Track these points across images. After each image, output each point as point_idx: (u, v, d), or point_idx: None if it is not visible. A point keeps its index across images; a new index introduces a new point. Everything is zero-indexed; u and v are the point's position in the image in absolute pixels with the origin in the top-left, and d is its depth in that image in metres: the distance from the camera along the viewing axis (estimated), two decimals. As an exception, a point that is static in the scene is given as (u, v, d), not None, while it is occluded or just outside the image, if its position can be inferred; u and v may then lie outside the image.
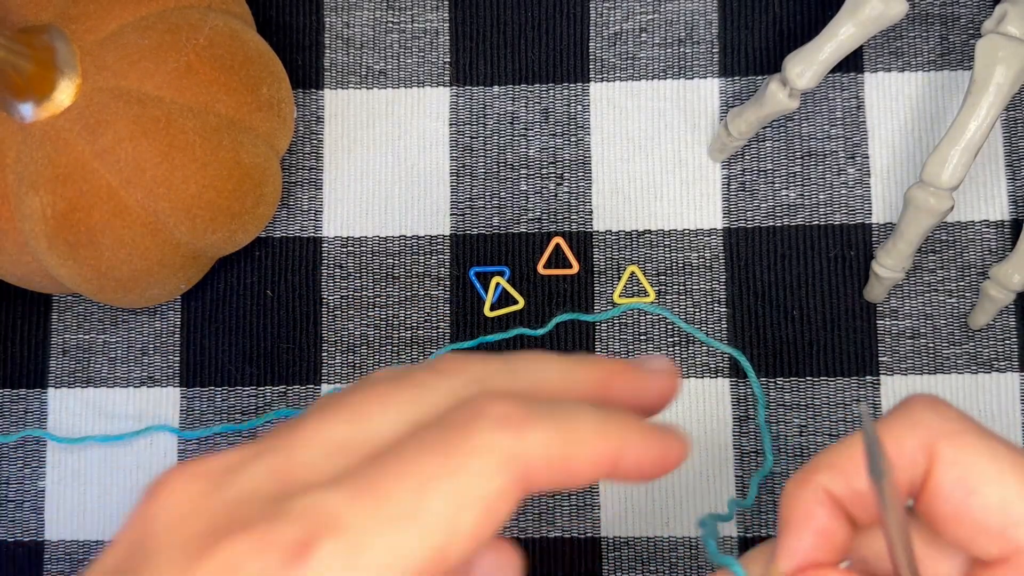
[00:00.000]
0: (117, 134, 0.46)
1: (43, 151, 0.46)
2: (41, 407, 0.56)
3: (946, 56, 0.56)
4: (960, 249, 0.54)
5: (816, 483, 0.30)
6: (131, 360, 0.56)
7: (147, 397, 0.56)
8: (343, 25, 0.58)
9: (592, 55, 0.57)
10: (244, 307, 0.56)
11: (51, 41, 0.46)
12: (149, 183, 0.46)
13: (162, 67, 0.47)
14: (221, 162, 0.48)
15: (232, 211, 0.50)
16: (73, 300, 0.57)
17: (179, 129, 0.47)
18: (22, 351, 0.57)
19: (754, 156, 0.56)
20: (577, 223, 0.56)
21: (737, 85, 0.56)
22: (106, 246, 0.47)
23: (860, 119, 0.55)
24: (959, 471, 0.28)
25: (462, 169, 0.57)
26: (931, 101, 0.55)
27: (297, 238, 0.56)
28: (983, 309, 0.53)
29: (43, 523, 0.55)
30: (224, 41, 0.48)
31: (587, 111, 0.56)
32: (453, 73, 0.57)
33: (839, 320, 0.54)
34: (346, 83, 0.58)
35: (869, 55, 0.56)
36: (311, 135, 0.57)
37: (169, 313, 0.56)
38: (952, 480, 0.28)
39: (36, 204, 0.46)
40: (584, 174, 0.56)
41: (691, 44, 0.57)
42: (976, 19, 0.56)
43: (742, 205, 0.55)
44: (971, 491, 0.28)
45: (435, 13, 0.58)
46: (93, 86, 0.46)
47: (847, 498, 0.30)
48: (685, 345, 0.54)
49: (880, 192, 0.55)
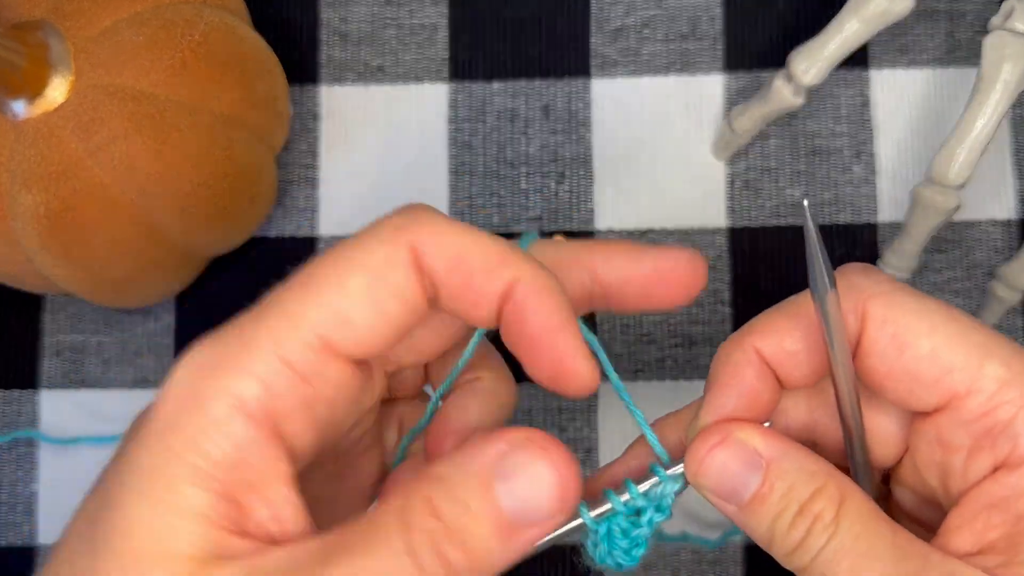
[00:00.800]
0: (110, 132, 0.45)
1: (36, 149, 0.46)
2: (33, 409, 0.56)
3: (953, 52, 0.55)
4: (967, 248, 0.54)
5: (748, 344, 0.31)
6: (124, 361, 0.56)
7: (141, 399, 0.55)
8: (340, 20, 0.57)
9: (593, 50, 0.56)
10: (239, 307, 0.55)
11: (44, 37, 0.46)
12: (142, 181, 0.46)
13: (156, 64, 0.46)
14: (216, 160, 0.48)
15: (227, 210, 0.49)
16: (66, 300, 0.56)
17: (173, 126, 0.46)
18: (14, 352, 0.56)
19: (759, 154, 0.55)
20: (578, 221, 0.55)
21: (741, 81, 0.56)
22: (99, 245, 0.47)
23: (866, 116, 0.55)
24: (891, 328, 0.30)
25: (461, 166, 0.56)
26: (938, 98, 0.55)
27: (293, 237, 0.56)
28: (990, 309, 0.53)
29: (36, 527, 0.55)
30: (219, 37, 0.48)
31: (588, 107, 0.56)
32: (452, 68, 0.57)
33: (844, 320, 0.54)
34: (343, 79, 0.57)
35: (875, 51, 0.55)
36: (307, 132, 0.57)
37: (163, 314, 0.56)
38: (885, 338, 0.30)
39: (28, 203, 0.46)
40: (586, 172, 0.55)
41: (694, 39, 0.56)
42: (983, 15, 0.55)
43: (746, 204, 0.55)
44: (904, 346, 0.30)
45: (433, 8, 0.57)
46: (86, 83, 0.46)
47: (777, 360, 0.31)
48: (688, 346, 0.54)
49: (886, 191, 0.55)
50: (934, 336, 0.29)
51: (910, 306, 0.30)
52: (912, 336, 0.30)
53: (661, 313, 0.54)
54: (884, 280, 0.31)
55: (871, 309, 0.30)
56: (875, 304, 0.30)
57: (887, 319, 0.30)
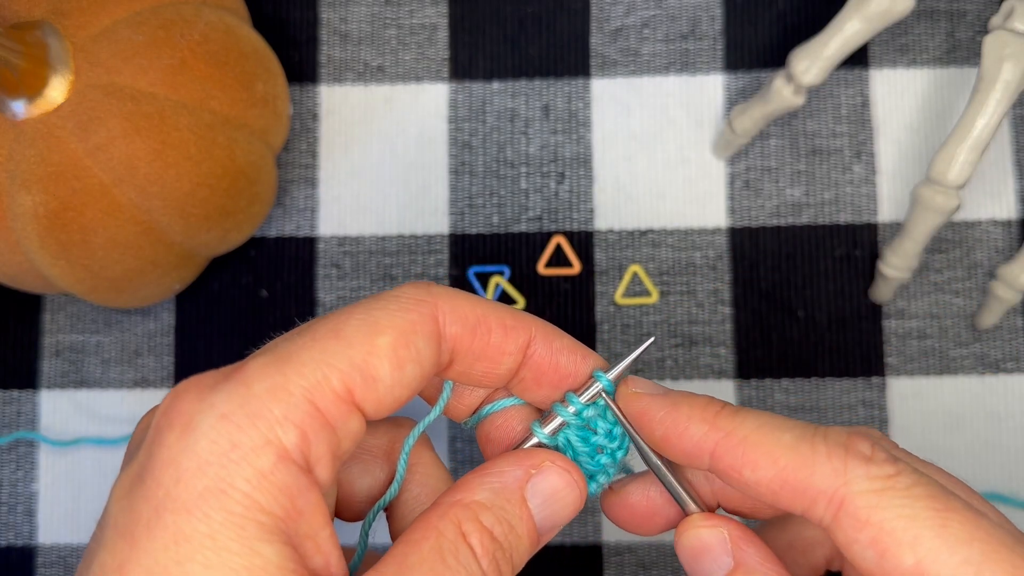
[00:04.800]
0: (110, 132, 0.45)
1: (35, 149, 0.46)
2: (33, 409, 0.55)
3: (953, 52, 0.55)
4: (967, 248, 0.54)
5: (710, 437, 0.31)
6: (124, 361, 0.56)
7: (140, 399, 0.55)
8: (339, 20, 0.57)
9: (593, 50, 0.56)
10: (238, 308, 0.56)
11: (44, 37, 0.46)
12: (142, 181, 0.46)
13: (156, 63, 0.46)
14: (215, 160, 0.47)
15: (226, 209, 0.49)
16: (65, 300, 0.56)
17: (172, 126, 0.46)
18: (13, 352, 0.56)
19: (759, 153, 0.55)
20: (578, 222, 0.55)
21: (741, 81, 0.55)
22: (98, 245, 0.47)
23: (866, 116, 0.55)
24: (871, 532, 0.28)
25: (461, 166, 0.56)
26: (938, 98, 0.55)
27: (292, 237, 0.56)
28: (990, 309, 0.52)
29: (36, 527, 0.55)
30: (218, 37, 0.48)
31: (588, 107, 0.56)
32: (452, 68, 0.57)
33: (845, 320, 0.54)
34: (343, 79, 0.57)
35: (875, 51, 0.55)
36: (307, 132, 0.57)
37: (162, 314, 0.56)
38: (864, 541, 0.28)
39: (28, 203, 0.46)
40: (585, 172, 0.55)
41: (695, 39, 0.56)
42: (983, 15, 0.55)
43: (747, 204, 0.55)
44: (883, 554, 0.28)
45: (433, 7, 0.57)
46: (86, 83, 0.46)
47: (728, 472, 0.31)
48: (689, 346, 0.54)
49: (887, 190, 0.54)
50: (919, 548, 0.27)
51: (897, 510, 0.28)
52: (895, 545, 0.28)
53: (661, 313, 0.54)
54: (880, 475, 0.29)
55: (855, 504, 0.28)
56: (859, 503, 0.28)
57: (869, 521, 0.28)
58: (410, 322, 0.29)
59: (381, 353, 0.28)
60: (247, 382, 0.27)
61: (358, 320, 0.29)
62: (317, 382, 0.27)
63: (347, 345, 0.28)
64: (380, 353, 0.28)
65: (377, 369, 0.28)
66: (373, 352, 0.28)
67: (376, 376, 0.28)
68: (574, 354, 0.33)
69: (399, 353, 0.29)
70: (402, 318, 0.29)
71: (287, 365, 0.27)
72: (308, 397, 0.27)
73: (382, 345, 0.28)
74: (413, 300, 0.30)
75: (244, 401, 0.27)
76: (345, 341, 0.28)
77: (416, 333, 0.29)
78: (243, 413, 0.26)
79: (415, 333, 0.29)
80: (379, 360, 0.28)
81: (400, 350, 0.29)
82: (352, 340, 0.28)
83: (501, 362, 0.32)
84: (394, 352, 0.28)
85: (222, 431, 0.26)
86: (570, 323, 0.54)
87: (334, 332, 0.28)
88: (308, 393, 0.27)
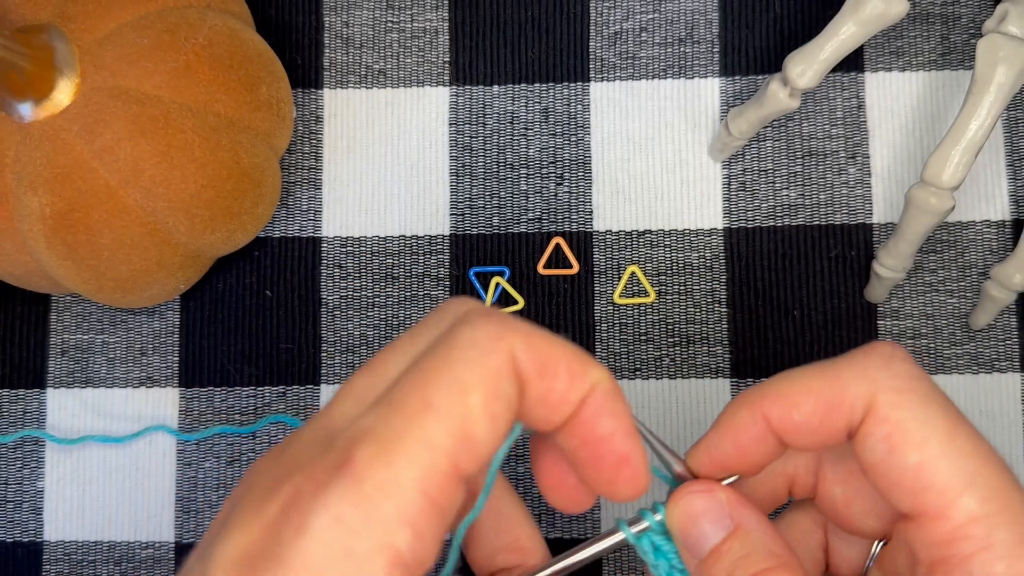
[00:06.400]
0: (115, 134, 0.46)
1: (42, 151, 0.46)
2: (40, 407, 0.56)
3: (947, 56, 0.56)
4: (961, 249, 0.54)
5: (757, 408, 0.32)
6: (130, 360, 0.56)
7: (146, 397, 0.56)
8: (342, 24, 0.58)
9: (592, 54, 0.57)
10: (243, 307, 0.56)
11: (50, 40, 0.46)
12: (148, 183, 0.46)
13: (161, 66, 0.46)
14: (220, 162, 0.48)
15: (231, 211, 0.49)
16: (72, 300, 0.57)
17: (178, 129, 0.46)
18: (20, 351, 0.56)
19: (755, 156, 0.55)
20: (577, 223, 0.55)
21: (738, 85, 0.56)
22: (104, 246, 0.47)
23: (861, 119, 0.55)
24: (887, 428, 0.30)
25: (462, 169, 0.56)
26: (932, 101, 0.55)
27: (296, 238, 0.56)
28: (984, 309, 0.53)
29: (42, 524, 0.55)
30: (223, 40, 0.48)
31: (587, 110, 0.56)
32: (453, 72, 0.57)
33: (840, 320, 0.54)
34: (345, 82, 0.57)
35: (870, 54, 0.56)
36: (310, 135, 0.57)
37: (168, 313, 0.56)
38: (878, 435, 0.30)
39: (35, 204, 0.46)
40: (584, 174, 0.56)
41: (691, 43, 0.56)
42: (977, 19, 0.56)
43: (743, 205, 0.55)
44: (892, 449, 0.30)
45: (435, 12, 0.57)
46: (92, 86, 0.46)
47: (782, 427, 0.32)
48: (685, 345, 0.54)
49: (881, 192, 0.55)
50: (925, 449, 0.29)
51: (916, 411, 0.30)
52: (904, 443, 0.30)
53: (658, 313, 0.55)
54: (903, 374, 0.31)
55: (878, 403, 0.30)
56: (883, 400, 0.30)
57: (887, 418, 0.30)
58: (494, 370, 0.28)
59: (476, 415, 0.27)
60: (358, 478, 0.26)
61: (446, 384, 0.27)
62: (425, 472, 0.26)
63: (444, 416, 0.27)
64: (475, 416, 0.27)
65: (475, 432, 0.27)
66: (468, 416, 0.27)
67: (475, 438, 0.27)
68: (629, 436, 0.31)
69: (491, 408, 0.27)
70: (486, 368, 0.28)
71: (394, 455, 0.26)
72: (420, 488, 0.26)
73: (474, 406, 0.27)
74: (490, 340, 0.28)
75: (357, 501, 0.26)
76: (441, 412, 0.27)
77: (501, 379, 0.28)
78: (357, 515, 0.26)
79: (500, 380, 0.28)
80: (475, 423, 0.27)
81: (491, 404, 0.27)
82: (447, 410, 0.27)
83: (562, 411, 0.30)
84: (487, 409, 0.27)
85: (336, 535, 0.26)
86: (569, 323, 0.55)
87: (426, 405, 0.27)
88: (420, 484, 0.26)
